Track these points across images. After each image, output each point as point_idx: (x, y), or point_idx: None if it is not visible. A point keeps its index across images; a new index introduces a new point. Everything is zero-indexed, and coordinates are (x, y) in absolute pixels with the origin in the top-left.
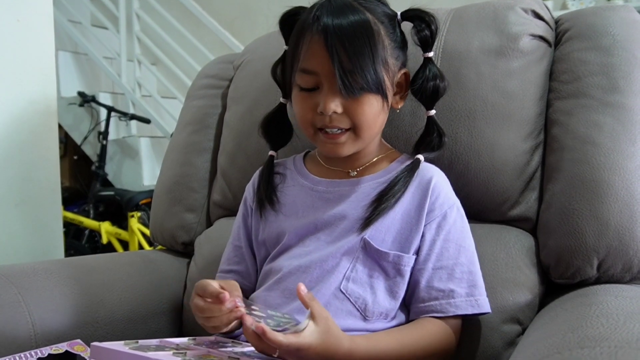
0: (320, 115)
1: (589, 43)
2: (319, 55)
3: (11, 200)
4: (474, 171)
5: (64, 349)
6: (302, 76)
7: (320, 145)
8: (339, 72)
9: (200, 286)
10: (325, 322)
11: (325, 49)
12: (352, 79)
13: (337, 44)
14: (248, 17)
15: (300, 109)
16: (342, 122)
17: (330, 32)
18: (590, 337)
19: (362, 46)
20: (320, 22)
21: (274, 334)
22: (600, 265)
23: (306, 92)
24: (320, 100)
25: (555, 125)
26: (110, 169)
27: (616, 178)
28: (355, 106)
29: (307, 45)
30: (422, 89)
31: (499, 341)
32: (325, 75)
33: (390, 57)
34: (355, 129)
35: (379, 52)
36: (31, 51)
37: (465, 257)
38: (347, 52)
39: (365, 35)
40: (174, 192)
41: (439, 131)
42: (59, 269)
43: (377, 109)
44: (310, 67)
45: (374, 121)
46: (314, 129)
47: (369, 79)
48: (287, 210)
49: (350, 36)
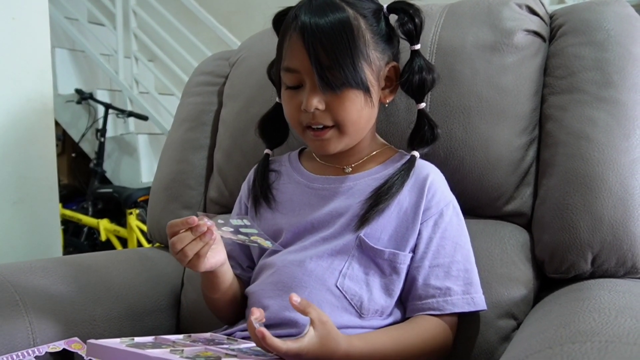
0: (305, 113)
1: (583, 38)
2: (299, 53)
3: (8, 198)
4: (469, 167)
5: (61, 347)
6: (286, 74)
7: (309, 142)
8: (317, 69)
9: (169, 225)
10: (324, 327)
11: (303, 46)
12: (330, 75)
13: (315, 41)
14: (245, 12)
15: (287, 108)
16: (326, 119)
17: (307, 30)
18: (581, 332)
19: (340, 42)
20: (299, 20)
21: (272, 340)
22: (594, 259)
23: (292, 90)
24: (303, 98)
25: (550, 120)
26: (108, 166)
27: (610, 173)
28: (337, 102)
29: (288, 43)
30: (409, 82)
31: (494, 336)
32: (307, 73)
33: (373, 52)
34: (339, 126)
35: (359, 47)
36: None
37: (461, 254)
38: (324, 49)
39: (343, 31)
40: (171, 189)
41: (430, 124)
42: (56, 267)
43: (359, 105)
44: (292, 66)
45: (357, 117)
46: (301, 127)
47: (348, 75)
48: (283, 208)
49: (327, 33)
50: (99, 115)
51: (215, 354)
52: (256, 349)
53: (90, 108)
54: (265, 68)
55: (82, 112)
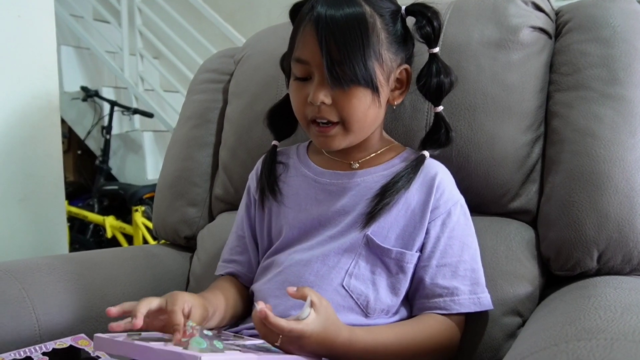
0: (311, 106)
1: (589, 35)
2: (310, 45)
3: (14, 196)
4: (474, 164)
5: (68, 344)
6: (296, 65)
7: (313, 137)
8: (327, 63)
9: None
10: (326, 310)
11: (316, 38)
12: (340, 70)
13: (328, 34)
14: (249, 9)
15: (294, 99)
16: (331, 114)
17: (321, 22)
18: (587, 330)
19: (354, 38)
20: (314, 11)
21: (276, 319)
22: (600, 257)
23: (300, 82)
24: (310, 90)
25: (556, 117)
26: (114, 163)
27: (616, 170)
28: (344, 99)
29: (301, 34)
30: (427, 85)
31: (499, 333)
32: (316, 66)
33: (386, 52)
34: (344, 123)
35: (371, 45)
36: (33, 47)
37: (469, 254)
38: (337, 43)
39: (358, 27)
40: (176, 186)
41: (446, 127)
42: (62, 264)
43: (366, 103)
44: (302, 57)
45: (363, 115)
46: (306, 121)
47: (358, 72)
48: (290, 202)
49: (342, 27)
50: (104, 113)
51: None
52: (260, 345)
53: (96, 105)
54: (270, 65)
55: (87, 110)
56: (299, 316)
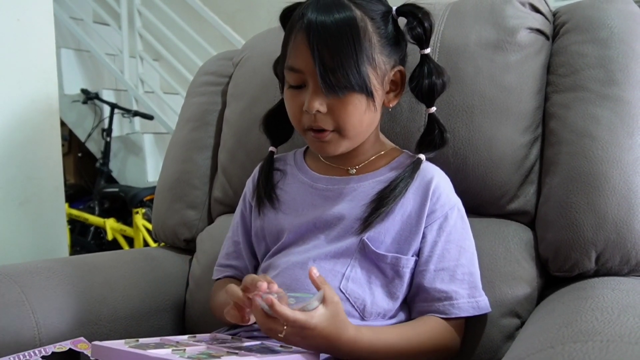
0: (307, 114)
1: (587, 36)
2: (303, 53)
3: (14, 199)
4: (472, 165)
5: (67, 347)
6: (289, 74)
7: (310, 143)
8: (320, 71)
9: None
10: (335, 307)
11: (308, 47)
12: (334, 78)
13: (320, 42)
14: (249, 10)
15: (290, 108)
16: (327, 122)
17: (312, 29)
18: (583, 331)
19: (346, 44)
20: (305, 18)
21: (281, 307)
22: (598, 258)
23: (294, 90)
24: (305, 99)
25: (553, 118)
26: (114, 166)
27: (614, 171)
28: (339, 106)
29: (293, 42)
30: (419, 86)
31: (498, 335)
32: (310, 74)
33: (379, 55)
34: (340, 130)
35: (364, 49)
36: (32, 50)
37: (466, 258)
38: (329, 50)
39: (350, 33)
40: (176, 189)
41: (440, 129)
42: (61, 267)
43: (362, 109)
44: (295, 65)
45: (359, 121)
46: (302, 128)
47: (352, 79)
48: (287, 208)
49: (333, 34)
50: (104, 115)
51: (217, 352)
52: (259, 347)
53: (96, 108)
54: (269, 67)
55: (88, 112)
56: (305, 307)
